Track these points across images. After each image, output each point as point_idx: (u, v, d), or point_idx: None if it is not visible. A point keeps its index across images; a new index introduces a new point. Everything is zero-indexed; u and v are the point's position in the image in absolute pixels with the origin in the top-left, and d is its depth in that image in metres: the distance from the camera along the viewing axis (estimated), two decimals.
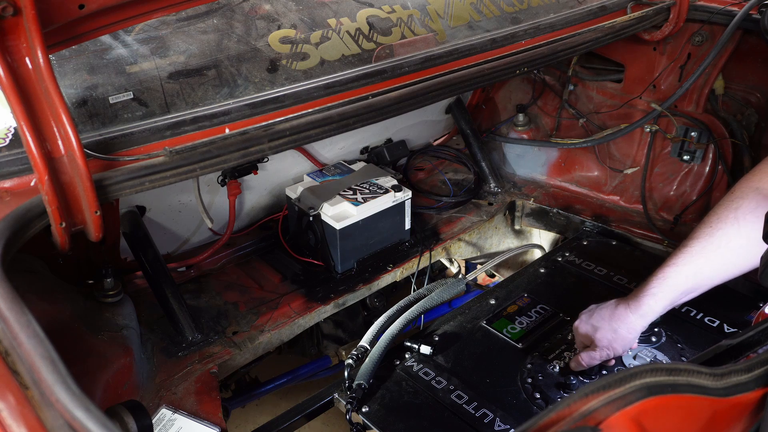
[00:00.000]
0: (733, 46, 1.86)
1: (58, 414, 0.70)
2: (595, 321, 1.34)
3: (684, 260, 1.26)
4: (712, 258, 1.24)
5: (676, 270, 1.26)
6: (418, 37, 1.58)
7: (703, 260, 1.24)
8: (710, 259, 1.24)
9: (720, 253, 1.23)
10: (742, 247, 1.21)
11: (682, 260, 1.26)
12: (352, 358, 1.40)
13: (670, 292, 1.27)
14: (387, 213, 1.78)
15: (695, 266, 1.25)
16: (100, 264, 1.40)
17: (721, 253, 1.23)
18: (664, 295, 1.27)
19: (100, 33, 1.10)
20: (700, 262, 1.25)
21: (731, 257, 1.23)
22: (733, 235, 1.21)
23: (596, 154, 2.13)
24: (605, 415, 0.72)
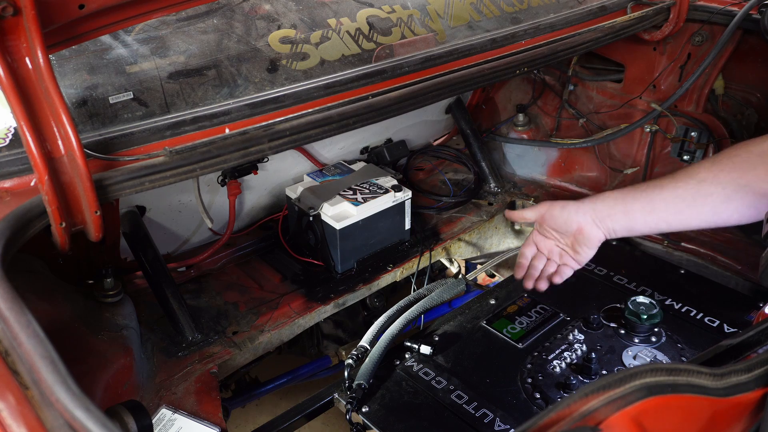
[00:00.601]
0: (733, 46, 1.86)
1: (58, 414, 0.70)
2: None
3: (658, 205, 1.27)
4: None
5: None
6: (418, 37, 1.58)
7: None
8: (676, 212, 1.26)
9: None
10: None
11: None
12: (352, 358, 1.40)
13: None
14: (387, 213, 1.78)
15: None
16: (100, 264, 1.40)
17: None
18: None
19: (100, 33, 1.10)
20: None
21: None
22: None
23: (596, 154, 2.13)
24: (605, 415, 0.72)
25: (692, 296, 1.59)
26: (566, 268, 1.48)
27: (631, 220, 1.31)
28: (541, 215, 1.43)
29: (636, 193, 1.30)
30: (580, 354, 1.43)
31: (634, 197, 1.30)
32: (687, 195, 1.23)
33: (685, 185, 1.24)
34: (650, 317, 1.43)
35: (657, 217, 1.28)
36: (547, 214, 1.41)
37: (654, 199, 1.27)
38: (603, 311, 1.54)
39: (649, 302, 1.46)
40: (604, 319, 1.52)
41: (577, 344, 1.45)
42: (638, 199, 1.29)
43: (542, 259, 1.51)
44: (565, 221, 1.37)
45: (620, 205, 1.31)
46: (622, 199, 1.31)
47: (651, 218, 1.28)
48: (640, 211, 1.29)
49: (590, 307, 1.56)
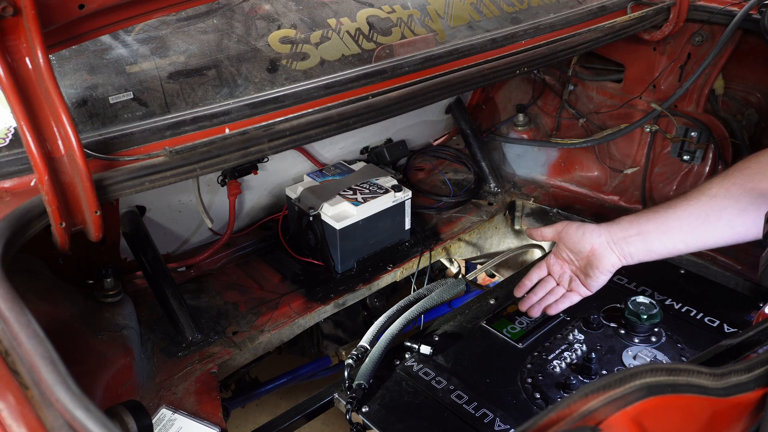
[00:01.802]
0: (733, 46, 1.86)
1: (58, 414, 0.70)
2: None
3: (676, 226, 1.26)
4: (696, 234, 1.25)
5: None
6: (418, 37, 1.58)
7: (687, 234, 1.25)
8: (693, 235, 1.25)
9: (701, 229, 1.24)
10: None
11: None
12: (352, 358, 1.40)
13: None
14: (387, 213, 1.78)
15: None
16: (100, 264, 1.40)
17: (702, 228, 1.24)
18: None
19: (100, 33, 1.10)
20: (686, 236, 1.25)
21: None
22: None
23: (596, 154, 2.13)
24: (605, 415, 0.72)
25: (692, 296, 1.59)
26: (573, 294, 1.46)
27: (647, 242, 1.29)
28: (558, 233, 1.42)
29: (650, 214, 1.29)
30: (580, 354, 1.43)
31: (647, 218, 1.29)
32: (700, 212, 1.22)
33: (696, 202, 1.23)
34: (650, 317, 1.43)
35: (673, 237, 1.26)
36: (564, 232, 1.40)
37: (667, 219, 1.25)
38: (603, 311, 1.54)
39: (649, 302, 1.46)
40: (604, 319, 1.52)
41: (577, 344, 1.45)
42: (652, 220, 1.27)
43: (547, 286, 1.49)
44: (580, 240, 1.36)
45: (635, 228, 1.29)
46: (636, 221, 1.30)
47: (667, 238, 1.26)
48: (655, 232, 1.27)
49: (590, 307, 1.56)
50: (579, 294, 1.45)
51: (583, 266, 1.40)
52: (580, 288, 1.44)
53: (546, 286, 1.50)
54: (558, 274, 1.48)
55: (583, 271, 1.41)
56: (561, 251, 1.45)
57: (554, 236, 1.45)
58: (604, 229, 1.34)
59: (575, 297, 1.46)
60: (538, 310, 1.51)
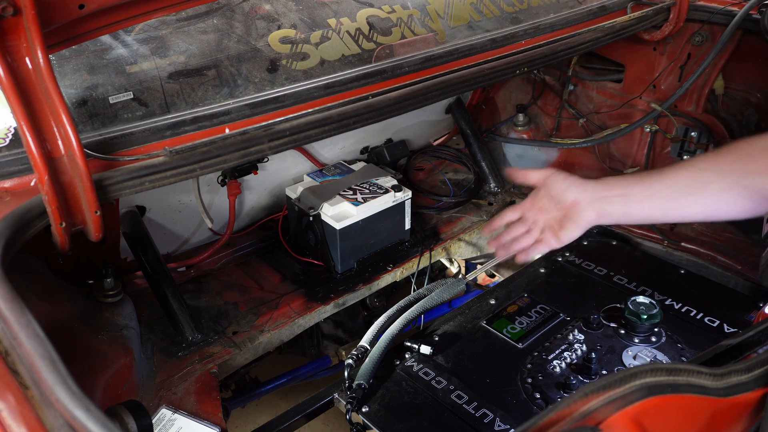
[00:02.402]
0: (733, 46, 1.86)
1: (58, 414, 0.70)
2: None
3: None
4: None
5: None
6: (418, 37, 1.58)
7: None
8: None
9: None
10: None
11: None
12: (352, 358, 1.39)
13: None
14: (387, 213, 1.78)
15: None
16: (100, 264, 1.40)
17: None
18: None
19: (100, 33, 1.10)
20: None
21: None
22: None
23: (596, 154, 2.13)
24: (605, 415, 0.72)
25: (692, 296, 1.59)
26: (542, 245, 1.42)
27: (627, 204, 1.29)
28: (543, 179, 1.40)
29: (637, 178, 1.31)
30: (580, 354, 1.43)
31: (634, 182, 1.30)
32: (686, 182, 1.23)
33: (685, 172, 1.24)
34: (650, 317, 1.43)
35: (653, 203, 1.27)
36: (550, 179, 1.38)
37: (653, 185, 1.26)
38: (603, 311, 1.54)
39: (649, 302, 1.46)
40: (604, 319, 1.52)
41: (577, 344, 1.45)
42: (638, 184, 1.28)
43: (521, 228, 1.45)
44: (564, 190, 1.34)
45: (619, 188, 1.30)
46: (622, 182, 1.31)
47: (647, 204, 1.27)
48: (638, 195, 1.28)
49: (590, 307, 1.56)
50: (548, 245, 1.42)
51: (560, 217, 1.37)
52: (551, 239, 1.40)
53: (519, 228, 1.45)
54: (531, 220, 1.43)
55: (558, 222, 1.38)
56: (540, 198, 1.41)
57: (539, 181, 1.41)
58: (589, 185, 1.33)
59: (544, 248, 1.43)
60: (506, 252, 1.47)
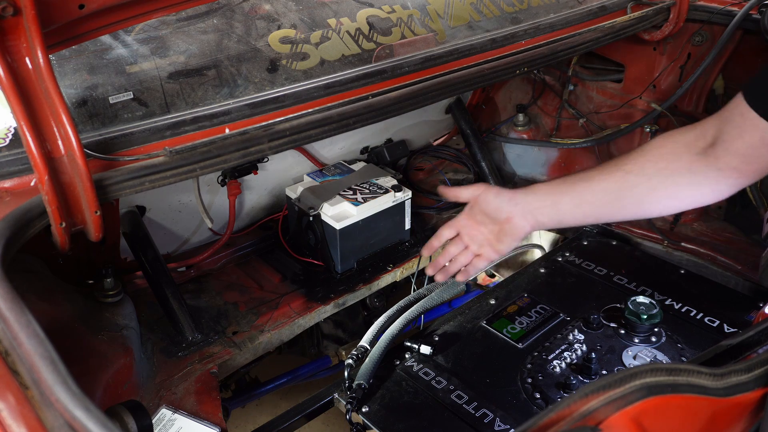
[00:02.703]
0: (733, 46, 1.86)
1: (58, 414, 0.70)
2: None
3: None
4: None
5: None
6: (418, 37, 1.58)
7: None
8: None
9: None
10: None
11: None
12: (352, 358, 1.40)
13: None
14: (387, 213, 1.78)
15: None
16: (100, 264, 1.40)
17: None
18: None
19: (100, 33, 1.10)
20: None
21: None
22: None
23: (596, 154, 2.13)
24: (605, 415, 0.72)
25: (692, 296, 1.59)
26: (481, 260, 1.42)
27: (559, 213, 1.30)
28: (475, 197, 1.39)
29: (566, 186, 1.30)
30: (580, 354, 1.43)
31: (563, 191, 1.29)
32: (614, 187, 1.24)
33: (611, 177, 1.24)
34: (650, 317, 1.43)
35: (584, 210, 1.28)
36: (482, 197, 1.37)
37: (582, 192, 1.27)
38: (603, 311, 1.54)
39: (649, 302, 1.46)
40: (604, 319, 1.52)
41: (577, 344, 1.45)
42: (567, 193, 1.28)
43: (458, 246, 1.44)
44: (497, 208, 1.34)
45: (550, 199, 1.30)
46: (552, 192, 1.31)
47: (578, 211, 1.28)
48: (569, 204, 1.28)
49: (590, 307, 1.56)
50: (488, 259, 1.42)
51: (497, 231, 1.37)
52: (490, 252, 1.41)
53: (457, 246, 1.44)
54: (469, 236, 1.42)
55: (495, 236, 1.38)
56: (475, 214, 1.40)
57: (469, 198, 1.40)
58: (520, 198, 1.33)
59: (483, 262, 1.43)
60: (446, 276, 1.46)
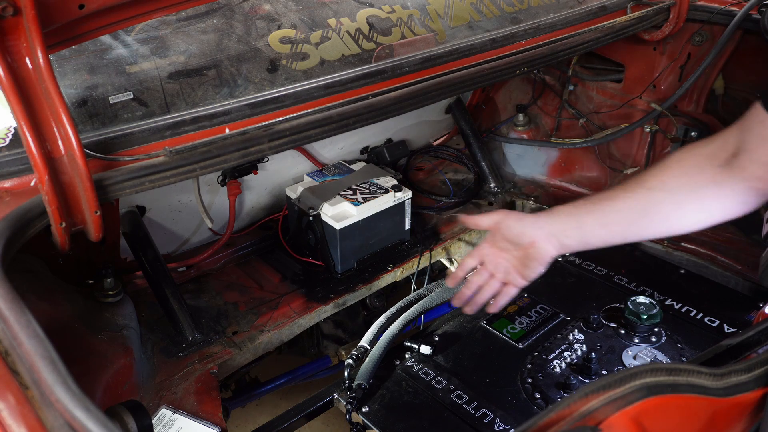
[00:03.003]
0: (733, 46, 1.86)
1: (58, 414, 0.70)
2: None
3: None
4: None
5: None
6: (418, 37, 1.58)
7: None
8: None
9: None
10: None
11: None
12: (352, 358, 1.40)
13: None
14: (387, 213, 1.78)
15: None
16: (100, 264, 1.40)
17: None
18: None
19: (100, 33, 1.10)
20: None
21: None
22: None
23: (596, 154, 2.13)
24: (605, 415, 0.72)
25: (692, 296, 1.59)
26: (510, 288, 1.38)
27: (584, 235, 1.27)
28: (496, 223, 1.35)
29: (589, 206, 1.27)
30: (580, 354, 1.43)
31: (587, 211, 1.27)
32: (638, 205, 1.21)
33: (634, 195, 1.22)
34: (650, 317, 1.43)
35: (610, 230, 1.25)
36: (503, 223, 1.34)
37: (607, 212, 1.24)
38: (603, 311, 1.54)
39: (649, 302, 1.46)
40: (604, 319, 1.52)
41: (577, 344, 1.45)
42: (591, 213, 1.26)
43: (483, 275, 1.40)
44: (520, 233, 1.31)
45: (574, 221, 1.27)
46: (576, 214, 1.28)
47: (605, 231, 1.26)
48: (593, 225, 1.26)
49: (590, 307, 1.56)
50: (516, 286, 1.38)
51: (521, 257, 1.33)
52: (517, 279, 1.37)
53: (480, 277, 1.40)
54: (493, 264, 1.38)
55: (520, 261, 1.34)
56: (497, 241, 1.37)
57: (491, 226, 1.37)
58: (543, 221, 1.30)
59: (513, 290, 1.39)
60: (475, 308, 1.42)
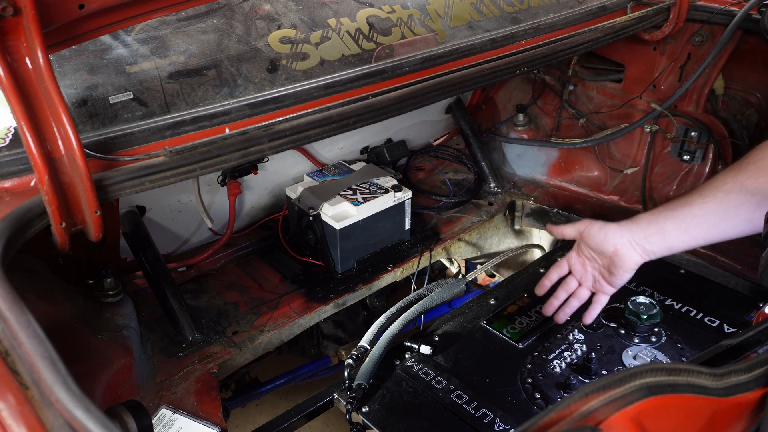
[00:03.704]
0: (733, 46, 1.86)
1: (58, 414, 0.70)
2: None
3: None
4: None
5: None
6: (418, 37, 1.58)
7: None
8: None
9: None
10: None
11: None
12: (352, 358, 1.40)
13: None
14: (387, 213, 1.78)
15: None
16: (100, 264, 1.40)
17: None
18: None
19: (100, 33, 1.10)
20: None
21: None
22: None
23: (596, 154, 2.13)
24: (605, 415, 0.72)
25: (692, 296, 1.59)
26: (601, 296, 1.43)
27: (666, 240, 1.28)
28: (579, 232, 1.40)
29: (668, 212, 1.28)
30: (580, 354, 1.43)
31: (666, 217, 1.28)
32: (717, 209, 1.22)
33: (713, 199, 1.22)
34: (650, 317, 1.43)
35: (693, 234, 1.26)
36: (585, 232, 1.38)
37: (686, 218, 1.25)
38: (603, 311, 1.54)
39: (649, 302, 1.46)
40: (604, 319, 1.52)
41: (577, 344, 1.45)
42: (670, 219, 1.27)
43: (570, 286, 1.46)
44: (603, 241, 1.34)
45: (654, 227, 1.29)
46: (655, 220, 1.29)
47: (687, 235, 1.26)
48: (675, 230, 1.27)
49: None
50: (605, 293, 1.43)
51: (607, 265, 1.37)
52: (605, 287, 1.41)
53: (568, 286, 1.46)
54: (580, 274, 1.44)
55: (607, 269, 1.38)
56: (583, 250, 1.42)
57: (575, 235, 1.42)
58: (625, 229, 1.32)
59: (604, 298, 1.43)
60: (565, 316, 1.47)
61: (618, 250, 1.32)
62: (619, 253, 1.32)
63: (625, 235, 1.31)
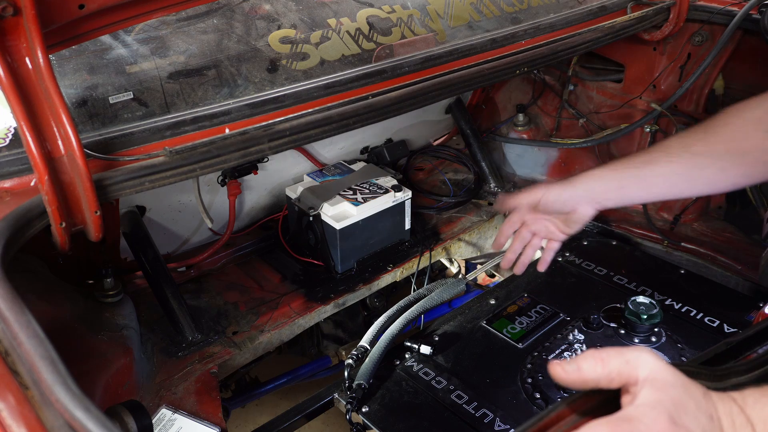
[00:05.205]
0: (733, 46, 1.86)
1: (58, 414, 0.70)
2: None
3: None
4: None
5: None
6: (418, 37, 1.58)
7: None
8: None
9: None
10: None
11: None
12: (352, 358, 1.39)
13: None
14: (387, 213, 1.78)
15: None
16: (100, 264, 1.40)
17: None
18: None
19: (100, 33, 1.10)
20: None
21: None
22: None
23: (596, 154, 2.13)
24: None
25: (692, 296, 1.59)
26: (554, 242, 1.47)
27: (624, 196, 1.33)
28: (536, 200, 1.39)
29: (632, 170, 1.29)
30: (580, 354, 1.42)
31: (630, 175, 1.29)
32: (682, 170, 1.22)
33: (678, 159, 1.22)
34: (650, 317, 1.43)
35: (650, 191, 1.29)
36: (543, 200, 1.38)
37: (649, 176, 1.26)
38: (603, 311, 1.54)
39: (649, 302, 1.46)
40: (604, 319, 1.52)
41: (577, 344, 1.45)
42: (634, 176, 1.28)
43: (525, 237, 1.47)
44: (563, 205, 1.36)
45: (615, 183, 1.31)
46: (616, 177, 1.31)
47: (644, 193, 1.31)
48: (635, 187, 1.29)
49: (590, 307, 1.56)
50: (558, 240, 1.46)
51: (563, 219, 1.40)
52: (559, 235, 1.44)
53: (522, 237, 1.47)
54: (534, 226, 1.45)
55: (563, 222, 1.41)
56: (538, 211, 1.42)
57: (531, 203, 1.41)
58: (586, 190, 1.33)
59: (556, 245, 1.47)
60: (523, 267, 1.50)
61: (576, 209, 1.35)
62: (578, 211, 1.35)
63: (585, 194, 1.33)
